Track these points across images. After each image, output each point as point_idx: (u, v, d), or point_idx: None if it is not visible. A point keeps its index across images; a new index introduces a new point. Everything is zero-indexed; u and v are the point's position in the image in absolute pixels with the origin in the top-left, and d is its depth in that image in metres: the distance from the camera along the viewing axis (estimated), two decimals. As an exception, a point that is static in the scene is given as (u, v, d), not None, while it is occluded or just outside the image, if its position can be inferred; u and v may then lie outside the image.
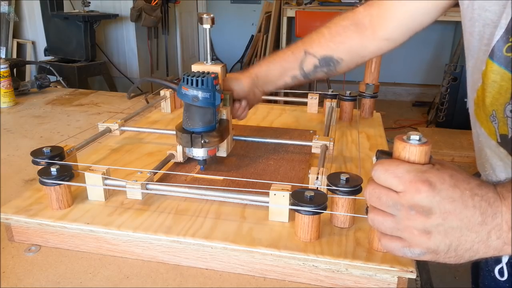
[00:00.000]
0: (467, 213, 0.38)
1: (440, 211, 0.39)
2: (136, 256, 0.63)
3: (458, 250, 0.40)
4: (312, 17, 4.04)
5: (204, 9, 5.13)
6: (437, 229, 0.39)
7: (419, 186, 0.38)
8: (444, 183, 0.39)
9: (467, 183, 0.39)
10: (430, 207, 0.39)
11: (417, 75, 4.74)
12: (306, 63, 0.83)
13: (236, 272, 0.60)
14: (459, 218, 0.38)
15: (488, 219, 0.38)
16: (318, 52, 0.82)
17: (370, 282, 0.56)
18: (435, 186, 0.38)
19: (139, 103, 1.35)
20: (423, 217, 0.39)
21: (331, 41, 0.82)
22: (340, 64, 0.82)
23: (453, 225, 0.39)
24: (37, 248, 0.65)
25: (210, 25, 0.76)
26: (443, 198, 0.38)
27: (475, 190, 0.39)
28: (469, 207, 0.38)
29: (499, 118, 0.52)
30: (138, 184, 0.67)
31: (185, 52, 4.86)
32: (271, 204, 0.63)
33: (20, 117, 1.27)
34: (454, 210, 0.38)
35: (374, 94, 1.13)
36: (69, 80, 2.98)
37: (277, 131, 1.02)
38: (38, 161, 0.71)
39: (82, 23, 3.08)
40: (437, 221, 0.39)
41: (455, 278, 1.84)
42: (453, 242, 0.39)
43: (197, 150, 0.75)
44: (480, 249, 0.39)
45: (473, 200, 0.38)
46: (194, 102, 0.71)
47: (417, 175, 0.39)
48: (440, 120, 3.58)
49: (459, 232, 0.39)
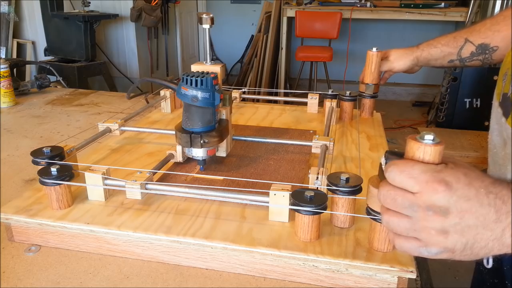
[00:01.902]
0: (482, 211, 0.39)
1: (457, 210, 0.39)
2: (136, 256, 0.63)
3: (474, 248, 0.40)
4: (312, 17, 4.04)
5: (204, 9, 5.12)
6: (455, 228, 0.39)
7: (436, 186, 0.39)
8: (460, 182, 0.39)
9: (481, 181, 0.39)
10: (447, 206, 0.39)
11: (417, 75, 4.70)
12: (464, 50, 0.91)
13: (236, 272, 0.60)
14: (475, 216, 0.39)
15: (502, 217, 0.39)
16: (477, 40, 0.89)
17: (370, 282, 0.56)
18: (451, 185, 0.39)
19: (139, 103, 1.35)
20: (441, 217, 0.39)
21: (490, 29, 0.87)
22: (495, 52, 0.87)
23: (470, 223, 0.39)
24: (37, 248, 0.65)
25: (209, 25, 0.76)
26: (460, 197, 0.39)
27: (489, 188, 0.39)
28: (485, 205, 0.39)
29: (508, 75, 0.57)
30: (138, 184, 0.67)
31: (185, 52, 4.87)
32: (271, 204, 0.63)
33: (20, 117, 1.27)
34: (470, 209, 0.39)
35: (374, 94, 1.12)
36: (69, 80, 2.98)
37: (277, 131, 1.02)
38: (38, 161, 0.71)
39: (82, 23, 3.08)
40: (455, 221, 0.39)
41: (455, 278, 1.84)
42: (469, 241, 0.40)
43: (197, 150, 0.75)
44: (494, 246, 0.40)
45: (488, 198, 0.39)
46: (193, 102, 0.71)
47: (433, 175, 0.39)
48: (440, 120, 3.58)
49: (475, 230, 0.39)
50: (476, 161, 2.99)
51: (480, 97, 3.47)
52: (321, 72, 4.18)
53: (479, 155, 3.01)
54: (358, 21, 4.23)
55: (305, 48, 4.12)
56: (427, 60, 1.00)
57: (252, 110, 1.21)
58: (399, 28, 4.55)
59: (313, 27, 4.03)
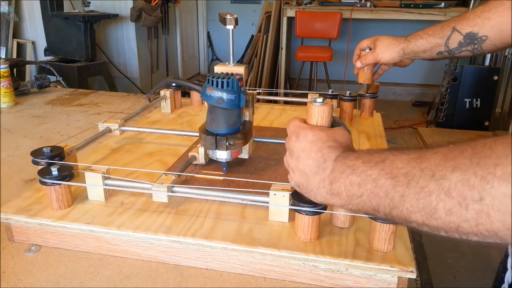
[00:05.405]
0: (309, 162, 0.49)
1: (296, 155, 0.50)
2: (136, 256, 0.63)
3: (307, 189, 0.50)
4: (312, 17, 4.04)
5: (204, 9, 5.13)
6: (296, 168, 0.51)
7: (291, 136, 0.52)
8: (306, 137, 0.50)
9: (322, 142, 0.49)
10: (292, 151, 0.51)
11: (417, 75, 4.74)
12: (451, 40, 0.83)
13: (236, 272, 0.60)
14: (304, 164, 0.49)
15: (320, 171, 0.48)
16: (464, 29, 0.81)
17: (370, 282, 0.56)
18: (299, 138, 0.51)
19: (139, 103, 1.35)
20: (290, 158, 0.52)
21: (480, 16, 0.80)
22: (485, 42, 0.79)
23: (302, 168, 0.50)
24: (37, 248, 0.66)
25: (233, 26, 0.75)
26: (299, 147, 0.50)
27: (322, 149, 0.48)
28: (311, 158, 0.49)
29: None
30: (164, 186, 0.65)
31: (185, 52, 4.86)
32: (271, 204, 0.63)
33: (20, 117, 1.27)
34: (302, 157, 0.50)
35: (374, 94, 1.12)
36: (69, 80, 2.98)
37: (277, 131, 1.02)
38: (38, 161, 0.71)
39: (82, 23, 3.08)
40: (294, 163, 0.51)
41: (455, 278, 1.84)
42: (304, 182, 0.50)
43: (221, 152, 0.74)
44: (317, 193, 0.49)
45: (315, 154, 0.48)
46: (219, 103, 0.69)
47: (294, 129, 0.52)
48: (440, 120, 3.58)
49: (306, 176, 0.49)
50: (476, 161, 2.99)
51: (480, 97, 3.47)
52: (321, 72, 4.18)
53: (479, 155, 3.00)
54: (358, 21, 4.23)
55: (305, 48, 4.12)
56: (414, 52, 0.93)
57: (252, 110, 1.21)
58: (399, 28, 4.54)
59: (313, 27, 4.03)
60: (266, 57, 4.27)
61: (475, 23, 0.80)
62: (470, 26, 0.81)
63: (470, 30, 0.81)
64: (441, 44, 0.86)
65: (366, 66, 1.04)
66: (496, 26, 0.78)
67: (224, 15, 0.74)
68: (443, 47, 0.86)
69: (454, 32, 0.83)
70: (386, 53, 0.97)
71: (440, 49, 0.86)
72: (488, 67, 3.52)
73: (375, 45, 1.00)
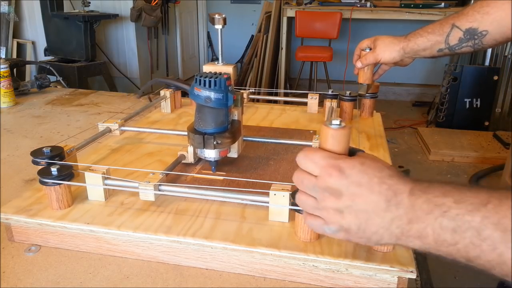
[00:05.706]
0: (373, 198, 0.41)
1: (349, 193, 0.42)
2: (136, 256, 0.63)
3: (366, 232, 0.43)
4: (312, 17, 4.04)
5: (204, 9, 5.13)
6: (348, 210, 0.42)
7: (331, 171, 0.43)
8: (354, 169, 0.42)
9: (378, 171, 0.42)
10: (340, 189, 0.42)
11: (417, 75, 4.74)
12: (451, 37, 0.82)
13: (236, 272, 0.60)
14: (366, 201, 0.41)
15: (392, 208, 0.41)
16: (464, 25, 0.81)
17: (370, 282, 0.56)
18: (344, 171, 0.42)
19: (139, 103, 1.35)
20: (335, 198, 0.43)
21: (479, 12, 0.79)
22: (485, 37, 0.79)
23: (360, 207, 0.42)
24: (37, 248, 0.65)
25: (222, 25, 0.75)
26: (351, 182, 0.42)
27: (384, 179, 0.41)
28: (375, 193, 0.41)
29: None
30: (151, 185, 0.66)
31: (185, 52, 4.87)
32: (271, 204, 0.63)
33: (20, 117, 1.27)
34: (361, 194, 0.42)
35: (374, 94, 1.12)
36: (69, 80, 2.98)
37: (277, 131, 1.02)
38: (38, 161, 0.70)
39: (82, 23, 3.08)
40: (347, 203, 0.42)
41: (455, 278, 1.84)
42: (362, 224, 0.42)
43: (209, 151, 0.74)
44: (384, 234, 0.42)
45: (380, 187, 0.41)
46: (207, 103, 0.70)
47: (330, 161, 0.43)
48: (440, 120, 3.59)
49: (366, 215, 0.42)
50: (476, 161, 2.99)
51: (480, 97, 3.48)
52: (321, 72, 4.18)
53: (479, 155, 3.01)
54: (358, 21, 4.23)
55: (305, 48, 4.12)
56: (414, 51, 0.92)
57: (252, 110, 1.21)
58: (399, 28, 4.54)
59: (313, 27, 4.03)
60: (266, 57, 4.27)
61: (475, 18, 0.80)
62: (469, 22, 0.80)
63: (469, 26, 0.80)
64: (441, 41, 0.85)
65: (366, 66, 1.04)
66: (496, 20, 0.77)
67: (212, 15, 0.75)
68: (443, 44, 0.85)
69: (453, 28, 0.82)
70: (386, 53, 0.97)
71: (441, 46, 0.86)
72: (488, 67, 3.52)
73: (375, 45, 0.99)
